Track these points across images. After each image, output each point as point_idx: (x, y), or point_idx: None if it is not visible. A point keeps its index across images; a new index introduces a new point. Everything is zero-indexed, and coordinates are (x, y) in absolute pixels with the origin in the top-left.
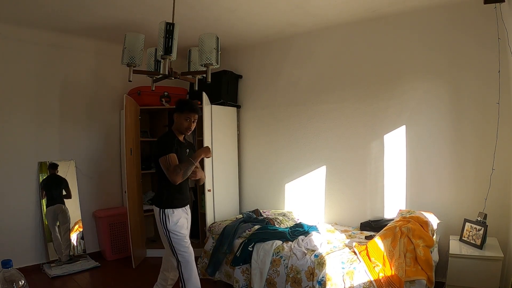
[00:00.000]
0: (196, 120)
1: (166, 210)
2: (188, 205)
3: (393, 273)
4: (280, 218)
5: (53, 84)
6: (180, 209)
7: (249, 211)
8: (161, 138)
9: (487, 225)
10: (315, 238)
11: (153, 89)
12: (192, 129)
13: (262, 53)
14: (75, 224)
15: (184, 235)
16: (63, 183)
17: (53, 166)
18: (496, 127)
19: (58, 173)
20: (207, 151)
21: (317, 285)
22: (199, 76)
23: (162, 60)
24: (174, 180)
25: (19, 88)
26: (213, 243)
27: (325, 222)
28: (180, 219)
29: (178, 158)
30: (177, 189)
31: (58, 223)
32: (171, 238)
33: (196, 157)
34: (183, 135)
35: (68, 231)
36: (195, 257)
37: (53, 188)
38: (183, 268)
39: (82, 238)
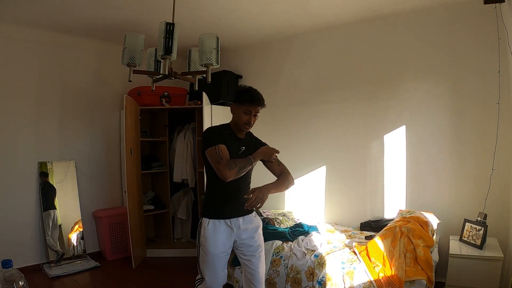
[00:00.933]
0: (258, 114)
1: (203, 218)
2: (243, 217)
3: (393, 273)
4: (280, 218)
5: (53, 84)
6: (220, 221)
7: None
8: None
9: (487, 225)
10: (315, 238)
11: (153, 89)
12: (253, 125)
13: (262, 53)
14: (75, 224)
15: (214, 255)
16: (54, 191)
17: (44, 175)
18: (496, 127)
19: (48, 180)
20: (268, 153)
21: (317, 285)
22: (199, 76)
23: (162, 60)
24: (224, 176)
25: (19, 88)
26: None
27: (325, 222)
28: (215, 236)
29: None
30: (221, 191)
31: (50, 228)
32: (199, 251)
33: (255, 158)
34: (244, 132)
35: (57, 234)
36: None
37: (46, 195)
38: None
39: (82, 238)
